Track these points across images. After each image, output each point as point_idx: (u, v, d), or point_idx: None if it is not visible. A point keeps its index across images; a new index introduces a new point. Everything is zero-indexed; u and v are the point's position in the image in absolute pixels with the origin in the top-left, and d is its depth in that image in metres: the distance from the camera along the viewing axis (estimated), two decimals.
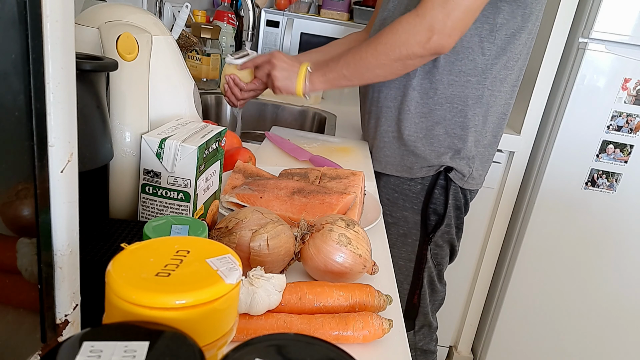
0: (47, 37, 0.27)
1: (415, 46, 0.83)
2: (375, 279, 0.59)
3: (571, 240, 1.53)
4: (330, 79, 0.94)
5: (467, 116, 0.96)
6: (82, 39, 0.53)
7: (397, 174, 1.03)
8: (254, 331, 0.44)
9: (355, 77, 0.91)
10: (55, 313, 0.32)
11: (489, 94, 0.95)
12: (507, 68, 0.94)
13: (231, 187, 0.72)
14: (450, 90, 0.95)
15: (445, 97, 0.96)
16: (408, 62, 0.87)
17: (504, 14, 0.90)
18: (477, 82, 0.94)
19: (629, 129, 1.41)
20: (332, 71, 0.93)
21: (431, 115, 0.97)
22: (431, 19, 0.81)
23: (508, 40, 0.92)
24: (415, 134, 0.99)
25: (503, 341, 1.67)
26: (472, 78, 0.94)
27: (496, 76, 0.94)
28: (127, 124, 0.53)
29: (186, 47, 1.41)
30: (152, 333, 0.24)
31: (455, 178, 1.00)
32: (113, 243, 0.46)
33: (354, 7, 1.90)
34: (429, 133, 0.98)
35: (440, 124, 0.97)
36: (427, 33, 0.82)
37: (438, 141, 0.98)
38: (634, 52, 1.34)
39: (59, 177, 0.30)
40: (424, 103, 0.97)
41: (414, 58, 0.86)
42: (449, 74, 0.94)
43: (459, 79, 0.94)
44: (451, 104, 0.96)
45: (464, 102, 0.95)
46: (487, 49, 0.92)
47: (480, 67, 0.93)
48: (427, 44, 0.83)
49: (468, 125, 0.97)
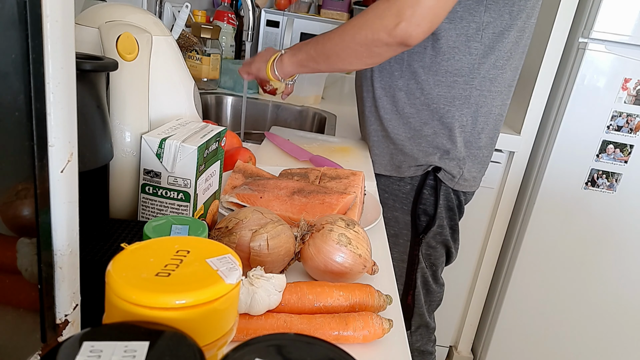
0: (47, 37, 0.27)
1: (381, 31, 0.79)
2: (375, 279, 0.59)
3: (571, 240, 1.53)
4: (299, 60, 0.91)
5: (455, 117, 0.95)
6: (82, 39, 0.53)
7: (386, 173, 1.03)
8: (254, 331, 0.44)
9: (322, 59, 0.88)
10: (55, 313, 0.32)
11: (478, 94, 0.94)
12: (497, 67, 0.93)
13: (231, 187, 0.72)
14: (436, 91, 0.94)
15: (432, 98, 0.95)
16: (373, 49, 0.82)
17: (490, 12, 0.88)
18: (465, 82, 0.93)
19: (629, 129, 1.41)
20: (301, 51, 0.91)
21: (419, 115, 0.97)
22: (400, 4, 0.76)
23: (496, 39, 0.90)
24: (403, 134, 0.99)
25: (503, 341, 1.67)
26: (459, 78, 0.92)
27: (485, 76, 0.93)
28: (127, 124, 0.53)
29: (186, 47, 1.41)
30: (152, 333, 0.24)
31: (444, 179, 0.99)
32: (113, 243, 0.46)
33: (354, 7, 1.90)
34: (417, 133, 0.98)
35: (428, 124, 0.97)
36: (395, 18, 0.77)
37: (426, 141, 0.98)
38: (634, 52, 1.34)
39: (59, 177, 0.30)
40: (411, 103, 0.96)
41: (379, 45, 0.81)
42: (435, 74, 0.93)
43: (446, 79, 0.93)
44: (438, 104, 0.95)
45: (451, 102, 0.94)
46: (474, 48, 0.90)
47: (467, 67, 0.92)
48: (394, 31, 0.78)
49: (456, 126, 0.96)
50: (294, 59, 0.92)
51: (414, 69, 0.94)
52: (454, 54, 0.91)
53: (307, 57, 0.90)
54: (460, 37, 0.90)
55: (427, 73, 0.93)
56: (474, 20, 0.89)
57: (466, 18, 0.88)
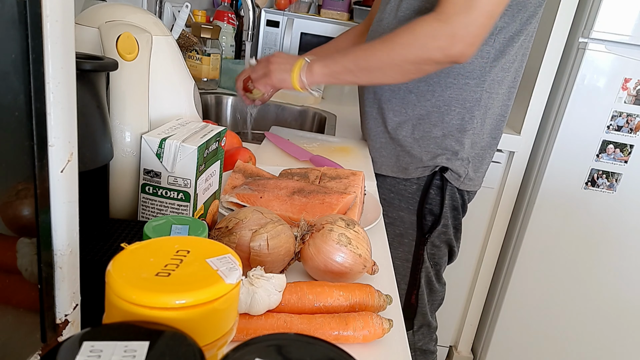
0: (47, 37, 0.27)
1: (435, 51, 0.79)
2: (375, 279, 0.59)
3: (571, 240, 1.53)
4: (334, 71, 0.88)
5: (465, 119, 0.96)
6: (82, 39, 0.53)
7: (392, 175, 1.03)
8: (254, 331, 0.44)
9: (362, 73, 0.86)
10: (55, 313, 0.32)
11: (487, 96, 0.95)
12: (504, 70, 0.94)
13: (231, 187, 0.72)
14: (447, 93, 0.94)
15: (443, 100, 0.95)
16: (423, 67, 0.82)
17: (505, 18, 0.89)
18: (476, 84, 0.93)
19: (629, 129, 1.41)
20: (337, 63, 0.87)
21: (429, 117, 0.97)
22: (454, 25, 0.76)
23: (507, 44, 0.92)
24: (412, 136, 0.99)
25: (503, 341, 1.67)
26: (470, 81, 0.93)
27: (494, 79, 0.94)
28: (127, 124, 0.53)
29: (186, 47, 1.41)
30: (152, 333, 0.24)
31: (451, 179, 0.99)
32: (113, 243, 0.46)
33: (354, 7, 1.90)
34: (426, 135, 0.98)
35: (437, 127, 0.97)
36: (450, 39, 0.77)
37: (435, 143, 0.98)
38: (634, 52, 1.34)
39: (59, 177, 0.30)
40: (422, 105, 0.97)
41: (430, 63, 0.81)
42: (447, 77, 0.94)
43: (457, 82, 0.93)
44: (449, 106, 0.95)
45: (462, 104, 0.95)
46: (485, 51, 0.91)
47: (479, 70, 0.93)
48: (448, 51, 0.78)
49: (466, 128, 0.96)
50: (327, 70, 0.88)
51: None
52: None
53: (344, 69, 0.87)
54: None
55: (438, 75, 0.94)
56: None
57: None
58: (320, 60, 0.89)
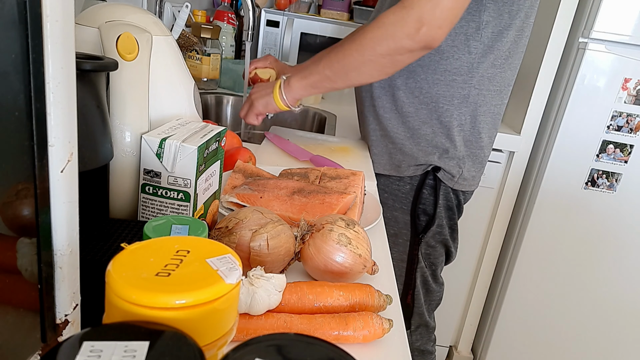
0: (47, 37, 0.27)
1: (404, 39, 0.78)
2: (375, 279, 0.59)
3: (571, 240, 1.53)
4: (312, 82, 0.87)
5: (453, 115, 0.95)
6: (82, 39, 0.53)
7: (386, 173, 1.03)
8: (254, 331, 0.44)
9: (339, 77, 0.85)
10: (55, 313, 0.32)
11: (476, 93, 0.94)
12: (495, 66, 0.93)
13: (231, 187, 0.72)
14: (435, 90, 0.94)
15: (431, 96, 0.95)
16: (397, 58, 0.81)
17: (490, 12, 0.88)
18: (463, 81, 0.93)
19: (629, 129, 1.41)
20: (313, 74, 0.87)
21: (417, 114, 0.97)
22: (419, 9, 0.76)
23: (495, 38, 0.90)
24: (402, 133, 0.99)
25: (503, 341, 1.67)
26: (457, 77, 0.93)
27: (483, 75, 0.93)
28: (127, 124, 0.53)
29: (186, 47, 1.41)
30: (152, 333, 0.24)
31: (444, 178, 0.99)
32: (113, 243, 0.46)
33: (354, 7, 1.90)
34: (416, 132, 0.98)
35: (426, 123, 0.97)
36: (416, 24, 0.76)
37: (425, 140, 0.98)
38: (634, 52, 1.34)
39: (59, 177, 0.30)
40: (410, 102, 0.96)
41: (403, 52, 0.80)
42: (434, 73, 0.93)
43: (444, 78, 0.93)
44: (436, 103, 0.95)
45: (450, 101, 0.94)
46: (473, 47, 0.90)
47: (466, 66, 0.92)
48: (417, 36, 0.77)
49: (454, 125, 0.96)
50: (305, 82, 0.88)
51: (412, 67, 0.94)
52: (453, 52, 0.91)
53: (321, 77, 0.86)
54: (460, 36, 0.90)
55: (425, 72, 0.93)
56: (473, 20, 0.89)
57: (465, 17, 0.88)
58: (296, 73, 0.89)
